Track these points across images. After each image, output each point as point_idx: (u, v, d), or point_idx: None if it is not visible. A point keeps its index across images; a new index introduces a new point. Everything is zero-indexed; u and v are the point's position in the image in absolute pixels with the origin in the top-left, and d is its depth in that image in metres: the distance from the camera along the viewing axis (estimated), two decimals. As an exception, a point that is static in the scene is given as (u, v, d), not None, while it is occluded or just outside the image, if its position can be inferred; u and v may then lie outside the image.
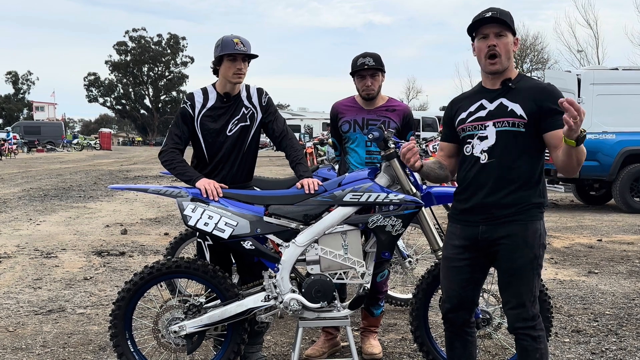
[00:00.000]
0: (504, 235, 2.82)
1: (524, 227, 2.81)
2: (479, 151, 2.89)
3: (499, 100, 2.88)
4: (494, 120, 2.86)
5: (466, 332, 3.08)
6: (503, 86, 2.89)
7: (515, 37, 2.90)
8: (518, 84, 2.89)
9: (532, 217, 2.83)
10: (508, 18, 2.85)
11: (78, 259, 7.17)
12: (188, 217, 3.44)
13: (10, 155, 34.86)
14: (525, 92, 2.84)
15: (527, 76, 2.98)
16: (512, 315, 2.86)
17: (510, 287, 2.86)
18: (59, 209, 11.67)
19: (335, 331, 4.22)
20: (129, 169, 24.69)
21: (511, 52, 2.87)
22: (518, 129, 2.81)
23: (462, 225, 2.96)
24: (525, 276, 2.82)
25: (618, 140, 11.29)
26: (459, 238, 2.96)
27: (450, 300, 3.04)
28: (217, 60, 3.69)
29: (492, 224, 2.85)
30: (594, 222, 10.27)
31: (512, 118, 2.82)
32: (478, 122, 2.90)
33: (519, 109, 2.81)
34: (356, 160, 4.09)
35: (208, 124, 3.74)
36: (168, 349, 3.52)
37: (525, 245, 2.81)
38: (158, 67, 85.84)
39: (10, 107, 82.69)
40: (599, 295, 5.67)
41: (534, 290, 2.85)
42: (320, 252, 3.44)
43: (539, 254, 2.85)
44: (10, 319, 4.91)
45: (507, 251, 2.83)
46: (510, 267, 2.83)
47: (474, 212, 2.90)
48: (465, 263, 2.95)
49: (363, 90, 4.03)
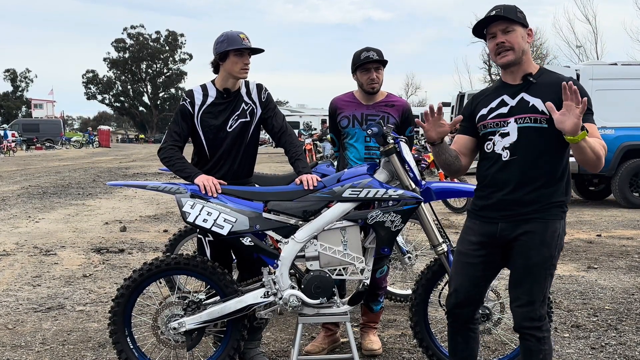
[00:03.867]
0: (522, 233, 2.79)
1: (544, 225, 2.77)
2: (500, 148, 2.85)
3: (520, 95, 2.82)
4: (516, 116, 2.81)
5: (469, 327, 3.07)
6: (524, 81, 2.84)
7: (528, 29, 2.85)
8: (539, 78, 2.84)
9: (553, 216, 2.79)
10: (512, 13, 2.81)
11: (77, 257, 7.16)
12: (187, 213, 3.44)
13: (9, 153, 34.84)
14: (547, 86, 2.78)
15: (549, 70, 2.90)
16: (520, 314, 2.83)
17: (522, 285, 2.83)
18: (58, 206, 11.67)
19: (335, 327, 4.22)
20: (128, 166, 24.68)
21: (524, 45, 2.82)
22: (540, 124, 2.76)
23: (481, 221, 2.92)
24: (538, 275, 2.79)
25: (617, 136, 11.26)
26: (477, 234, 2.92)
27: (457, 296, 3.00)
28: (221, 56, 3.67)
29: (512, 221, 2.81)
30: (593, 218, 10.28)
31: (534, 114, 2.77)
32: (499, 119, 2.86)
33: (540, 104, 2.76)
34: (355, 156, 4.08)
35: (208, 121, 3.72)
36: (167, 346, 3.52)
37: (542, 244, 2.77)
38: (156, 64, 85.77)
39: (8, 105, 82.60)
40: (599, 290, 5.67)
41: (545, 290, 2.82)
42: (319, 248, 3.44)
43: (555, 254, 2.80)
44: (9, 317, 4.91)
45: (524, 248, 2.79)
46: (525, 264, 2.80)
47: (495, 208, 2.86)
48: (480, 260, 2.92)
49: (368, 83, 4.01)
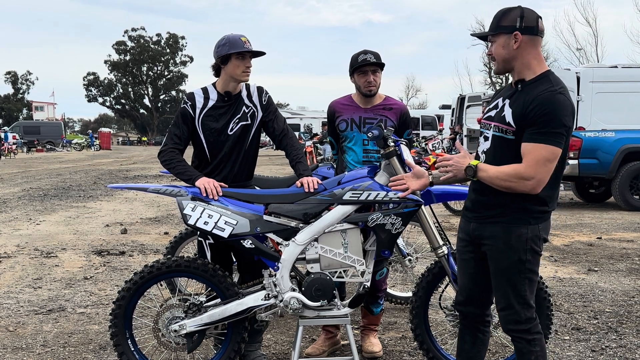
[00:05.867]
0: (488, 236, 2.81)
1: (506, 229, 2.76)
2: (481, 150, 2.91)
3: (505, 101, 2.79)
4: (494, 122, 2.82)
5: (478, 328, 3.07)
6: (515, 87, 2.81)
7: (513, 33, 2.69)
8: (527, 87, 2.73)
9: (518, 221, 2.76)
10: (492, 25, 2.78)
11: (78, 259, 7.17)
12: (188, 216, 3.44)
13: (10, 155, 34.86)
14: (526, 97, 2.68)
15: (548, 79, 2.71)
16: (502, 317, 2.87)
17: (498, 289, 2.86)
18: (59, 208, 11.67)
19: (336, 329, 4.22)
20: (129, 168, 24.68)
21: (505, 52, 2.73)
22: (506, 135, 2.74)
23: (464, 219, 3.00)
24: (511, 279, 2.79)
25: (617, 138, 11.27)
26: (462, 232, 3.00)
27: (462, 293, 3.07)
28: (223, 59, 3.68)
29: (480, 222, 2.86)
30: (594, 220, 10.27)
31: (502, 124, 2.75)
32: (487, 121, 2.89)
33: (509, 116, 2.72)
34: (353, 159, 4.09)
35: (210, 124, 3.73)
36: (168, 348, 3.52)
37: (508, 248, 2.76)
38: (157, 67, 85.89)
39: (9, 107, 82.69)
40: (599, 293, 5.67)
41: (524, 294, 2.79)
42: (320, 251, 3.44)
43: (526, 258, 2.76)
44: (10, 319, 4.91)
45: (492, 252, 2.82)
46: (496, 268, 2.83)
47: (469, 208, 2.95)
48: (470, 256, 2.97)
49: (365, 86, 4.02)
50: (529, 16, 2.72)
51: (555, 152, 2.65)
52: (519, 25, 2.71)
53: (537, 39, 2.75)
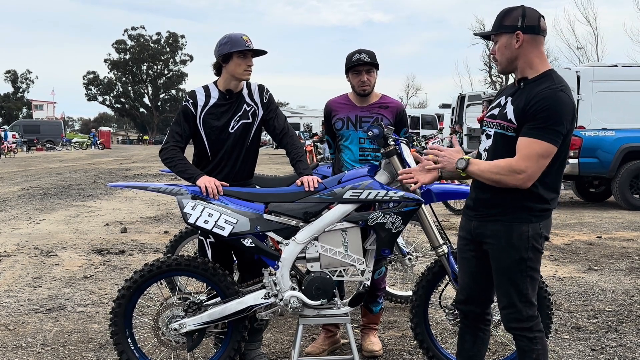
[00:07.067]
0: (490, 235, 2.82)
1: (508, 228, 2.77)
2: (482, 149, 2.91)
3: (508, 99, 2.80)
4: (497, 120, 2.83)
5: (478, 327, 3.08)
6: (517, 85, 2.82)
7: (515, 33, 2.71)
8: (529, 85, 2.74)
9: (518, 219, 2.76)
10: (495, 25, 2.79)
11: (78, 258, 7.17)
12: (188, 214, 3.44)
13: (10, 154, 34.86)
14: (527, 95, 2.70)
15: (550, 77, 2.72)
16: (504, 315, 2.87)
17: (499, 287, 2.86)
18: (59, 207, 11.67)
19: (336, 328, 4.22)
20: (129, 167, 24.68)
21: (508, 52, 2.75)
22: (508, 132, 2.75)
23: (465, 218, 2.99)
24: (513, 277, 2.79)
25: (617, 137, 11.27)
26: (463, 230, 3.00)
27: (462, 292, 3.07)
28: (224, 58, 3.67)
29: (482, 220, 2.86)
30: (594, 219, 10.27)
31: (504, 121, 2.77)
32: (489, 119, 2.89)
33: (511, 113, 2.74)
34: (350, 158, 4.09)
35: (211, 122, 3.73)
36: (168, 347, 3.52)
37: (509, 247, 2.77)
38: (157, 66, 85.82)
39: (9, 106, 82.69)
40: (599, 292, 5.67)
41: (526, 292, 2.80)
42: (320, 250, 3.44)
43: (528, 256, 2.77)
44: (10, 318, 4.91)
45: (493, 251, 2.82)
46: (498, 267, 2.83)
47: (470, 207, 2.95)
48: (471, 255, 2.97)
49: (359, 86, 4.02)
50: (531, 15, 2.73)
51: (550, 150, 2.65)
52: (521, 25, 2.71)
53: (539, 38, 2.75)
